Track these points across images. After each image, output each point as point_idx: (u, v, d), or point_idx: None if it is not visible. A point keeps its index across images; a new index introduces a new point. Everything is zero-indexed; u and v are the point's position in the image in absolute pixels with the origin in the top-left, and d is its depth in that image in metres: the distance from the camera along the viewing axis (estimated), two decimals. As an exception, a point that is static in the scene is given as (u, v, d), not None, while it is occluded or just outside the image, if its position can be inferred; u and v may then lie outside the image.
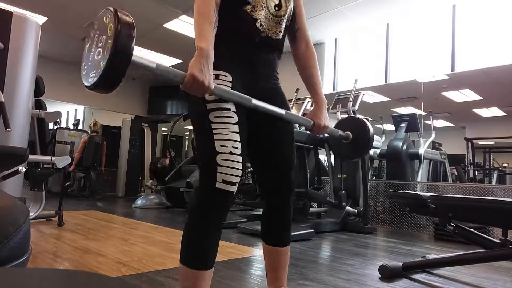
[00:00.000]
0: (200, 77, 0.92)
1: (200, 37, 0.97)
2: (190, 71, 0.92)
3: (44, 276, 0.38)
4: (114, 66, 0.83)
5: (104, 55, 0.84)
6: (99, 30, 0.90)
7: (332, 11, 4.73)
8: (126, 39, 0.84)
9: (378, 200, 4.60)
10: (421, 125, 5.02)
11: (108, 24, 0.86)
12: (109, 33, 0.85)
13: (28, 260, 0.65)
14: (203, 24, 0.99)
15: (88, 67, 0.90)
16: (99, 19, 0.91)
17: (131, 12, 0.90)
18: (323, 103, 1.30)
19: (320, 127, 1.28)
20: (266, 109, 1.12)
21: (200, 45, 0.95)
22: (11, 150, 2.05)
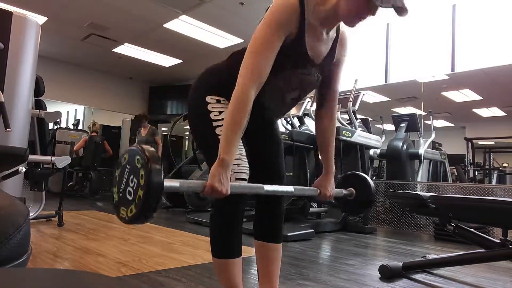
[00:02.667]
0: (219, 188, 0.99)
1: (226, 147, 1.01)
2: (210, 182, 0.98)
3: (44, 276, 0.38)
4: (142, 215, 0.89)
5: (136, 202, 0.89)
6: (129, 166, 0.93)
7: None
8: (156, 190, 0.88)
9: (378, 200, 4.60)
10: (421, 125, 5.02)
11: (140, 171, 0.88)
12: (141, 180, 0.88)
13: (28, 260, 0.65)
14: (233, 135, 1.02)
15: (119, 199, 0.95)
16: (130, 154, 0.93)
17: (131, 12, 0.91)
18: (331, 173, 1.35)
19: (326, 196, 1.34)
20: (277, 191, 1.19)
21: (224, 156, 1.00)
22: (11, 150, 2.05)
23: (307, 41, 1.13)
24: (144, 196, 0.87)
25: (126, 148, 0.97)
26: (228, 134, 1.01)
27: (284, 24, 1.07)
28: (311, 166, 4.68)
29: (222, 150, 1.01)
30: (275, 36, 1.06)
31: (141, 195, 0.88)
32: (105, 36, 6.04)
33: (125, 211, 0.92)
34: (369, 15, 1.06)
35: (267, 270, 1.32)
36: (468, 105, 5.51)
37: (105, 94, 8.25)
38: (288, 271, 2.07)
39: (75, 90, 7.78)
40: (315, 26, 1.13)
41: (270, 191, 1.15)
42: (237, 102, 1.02)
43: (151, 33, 5.78)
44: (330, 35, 1.20)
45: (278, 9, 1.08)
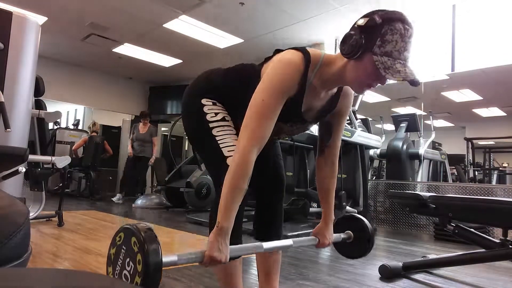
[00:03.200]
0: (218, 257, 0.97)
1: (225, 214, 0.99)
2: (209, 253, 0.97)
3: (44, 276, 0.38)
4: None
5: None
6: (125, 247, 0.89)
7: (332, 11, 4.73)
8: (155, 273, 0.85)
9: (378, 200, 4.60)
10: (421, 125, 5.03)
11: (137, 255, 0.85)
12: (138, 266, 0.85)
13: (28, 260, 0.65)
14: (233, 202, 0.99)
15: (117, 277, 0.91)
16: (126, 234, 0.90)
17: (131, 12, 0.91)
18: (330, 221, 1.34)
19: (325, 245, 1.33)
20: (276, 247, 1.18)
21: (223, 224, 0.98)
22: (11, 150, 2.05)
23: (305, 101, 1.11)
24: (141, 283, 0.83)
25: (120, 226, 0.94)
26: (228, 201, 0.98)
27: (288, 88, 1.05)
28: (311, 166, 4.68)
29: (221, 217, 0.98)
30: (278, 100, 1.03)
31: (138, 282, 0.84)
32: (105, 36, 6.04)
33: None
34: (378, 83, 1.03)
35: (267, 270, 1.32)
36: (468, 105, 5.51)
37: (105, 94, 8.25)
38: (288, 271, 2.07)
39: (75, 90, 7.77)
40: (316, 86, 1.10)
41: (269, 249, 1.14)
42: (238, 168, 0.99)
43: (151, 33, 5.78)
44: (330, 92, 1.17)
45: (283, 73, 1.04)
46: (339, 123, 1.28)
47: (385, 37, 0.95)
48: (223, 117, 1.18)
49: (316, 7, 4.63)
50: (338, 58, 1.06)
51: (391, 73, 0.95)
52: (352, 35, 0.99)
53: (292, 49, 1.09)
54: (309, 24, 5.03)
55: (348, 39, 0.99)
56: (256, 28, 5.32)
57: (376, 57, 0.96)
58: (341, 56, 1.04)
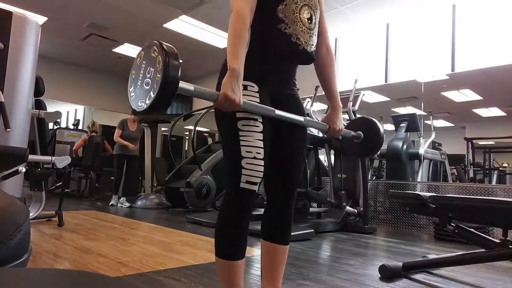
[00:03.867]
0: (232, 96, 1.01)
1: (233, 57, 1.05)
2: (223, 91, 1.01)
3: (44, 276, 0.38)
4: (162, 98, 0.91)
5: (154, 88, 0.91)
6: (146, 60, 0.97)
7: (332, 11, 4.72)
8: (174, 75, 0.91)
9: (378, 200, 4.60)
10: (421, 125, 5.02)
11: (157, 58, 0.92)
12: (158, 66, 0.91)
13: (28, 260, 0.65)
14: (237, 45, 1.06)
15: (136, 93, 0.98)
16: (145, 50, 0.98)
17: (131, 12, 0.92)
18: (338, 108, 1.36)
19: (335, 131, 1.35)
20: (287, 117, 1.21)
21: (233, 66, 1.04)
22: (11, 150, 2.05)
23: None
24: (163, 78, 0.88)
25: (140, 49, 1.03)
26: (233, 46, 1.05)
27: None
28: (311, 166, 4.68)
29: (230, 60, 1.04)
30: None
31: (159, 78, 0.89)
32: (105, 36, 6.04)
33: (143, 101, 0.93)
34: None
35: (272, 271, 1.32)
36: (468, 105, 5.51)
37: (105, 94, 8.24)
38: (288, 271, 2.07)
39: (75, 90, 7.77)
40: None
41: (280, 116, 1.17)
42: (235, 18, 1.07)
43: (151, 33, 5.78)
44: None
45: None
46: (321, 10, 1.32)
47: None
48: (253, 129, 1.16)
49: (316, 7, 4.62)
50: None
51: None
52: None
53: None
54: (309, 24, 5.01)
55: None
56: (256, 28, 5.31)
57: None
58: None
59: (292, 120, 1.23)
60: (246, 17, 1.09)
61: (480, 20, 4.45)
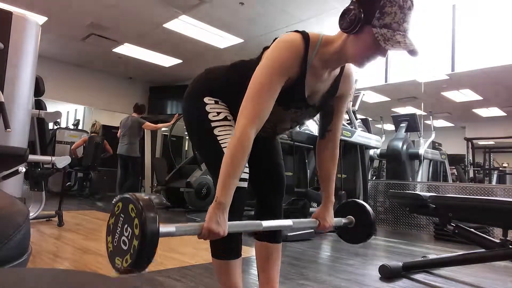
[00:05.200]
0: (216, 230, 0.97)
1: (223, 190, 0.98)
2: (207, 225, 0.96)
3: (44, 276, 0.38)
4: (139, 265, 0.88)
5: (131, 253, 0.87)
6: (123, 215, 0.92)
7: (332, 11, 4.72)
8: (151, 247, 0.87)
9: (378, 200, 4.60)
10: (421, 125, 5.03)
11: (134, 221, 0.87)
12: (135, 230, 0.87)
13: (28, 260, 0.65)
14: (232, 178, 0.99)
15: (114, 247, 0.94)
16: (124, 202, 0.92)
17: (131, 12, 0.91)
18: (330, 204, 1.35)
19: (325, 227, 1.33)
20: (276, 226, 1.19)
21: (221, 199, 0.98)
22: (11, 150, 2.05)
23: (306, 83, 1.10)
24: (139, 247, 0.85)
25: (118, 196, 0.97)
26: (226, 177, 0.98)
27: (287, 68, 1.04)
28: (311, 166, 4.68)
29: (220, 193, 0.98)
30: (278, 80, 1.03)
31: (136, 245, 0.86)
32: (105, 36, 6.04)
33: (120, 260, 0.90)
34: (379, 56, 1.03)
35: (267, 270, 1.33)
36: (468, 105, 5.51)
37: (105, 94, 8.24)
38: (288, 271, 2.07)
39: (75, 90, 7.77)
40: (317, 67, 1.09)
41: (268, 227, 1.14)
42: (238, 145, 0.99)
43: (151, 33, 5.78)
44: (332, 74, 1.16)
45: (282, 52, 1.04)
46: (341, 106, 1.27)
47: (384, 9, 0.95)
48: (225, 117, 1.17)
49: (316, 7, 4.63)
50: (337, 36, 1.06)
51: (391, 44, 0.95)
52: (350, 9, 0.98)
53: (291, 32, 1.09)
54: (309, 24, 5.02)
55: (346, 13, 0.99)
56: (256, 28, 5.32)
57: (376, 29, 0.95)
58: (340, 34, 1.04)
59: (281, 228, 1.22)
60: (250, 145, 1.01)
61: (480, 20, 4.45)
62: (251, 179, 1.19)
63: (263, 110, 1.02)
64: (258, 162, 1.30)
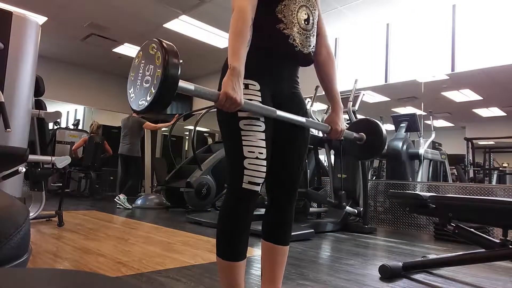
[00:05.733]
0: (233, 95, 0.99)
1: (233, 56, 1.03)
2: (224, 90, 1.00)
3: (44, 276, 0.38)
4: (164, 93, 0.89)
5: (154, 83, 0.89)
6: (144, 60, 0.95)
7: (332, 11, 4.72)
8: (174, 69, 0.89)
9: (378, 200, 4.60)
10: (421, 125, 5.02)
11: (155, 54, 0.91)
12: (157, 62, 0.90)
13: (28, 260, 0.65)
14: (238, 43, 1.05)
15: (136, 93, 0.96)
16: (144, 49, 0.97)
17: (131, 12, 0.92)
18: (339, 109, 1.36)
19: (337, 132, 1.34)
20: (289, 118, 1.19)
21: (234, 64, 1.02)
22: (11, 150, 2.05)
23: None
24: (163, 73, 0.87)
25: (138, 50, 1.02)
26: (235, 45, 1.04)
27: None
28: (311, 166, 4.68)
29: (231, 59, 1.03)
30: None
31: (159, 74, 0.87)
32: (105, 36, 6.04)
33: (144, 99, 0.91)
34: None
35: (272, 271, 1.32)
36: (468, 105, 5.51)
37: (105, 94, 8.24)
38: (288, 271, 2.07)
39: (75, 90, 7.77)
40: None
41: (281, 117, 1.16)
42: (237, 15, 1.07)
43: (151, 33, 5.78)
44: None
45: None
46: (318, 10, 1.31)
47: None
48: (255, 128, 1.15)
49: (316, 7, 4.62)
50: None
51: None
52: None
53: None
54: (309, 24, 5.02)
55: None
56: (256, 28, 5.31)
57: None
58: None
59: (293, 121, 1.22)
60: (248, 15, 1.08)
61: (480, 20, 4.45)
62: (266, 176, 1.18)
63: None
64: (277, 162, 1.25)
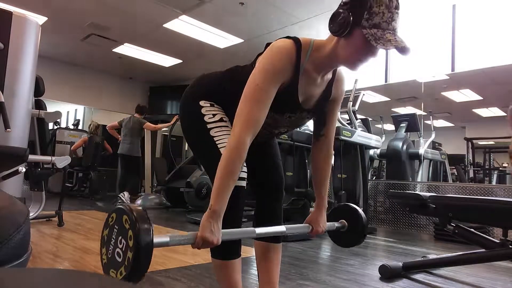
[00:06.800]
0: (210, 238, 0.97)
1: (217, 198, 0.99)
2: (202, 234, 0.96)
3: (44, 276, 0.38)
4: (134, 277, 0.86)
5: (125, 265, 0.86)
6: (117, 226, 0.91)
7: (331, 11, 4.72)
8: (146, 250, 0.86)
9: (378, 200, 4.60)
10: (421, 125, 5.03)
11: (128, 232, 0.87)
12: (130, 243, 0.86)
13: (28, 260, 0.65)
14: (226, 186, 0.99)
15: (108, 260, 0.93)
16: (118, 215, 0.91)
17: (131, 12, 0.91)
18: (323, 208, 1.34)
19: (318, 232, 1.34)
20: (270, 233, 1.20)
21: (215, 208, 0.98)
22: (11, 150, 2.05)
23: (300, 88, 1.11)
24: (133, 259, 0.84)
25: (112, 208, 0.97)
26: (221, 185, 0.98)
27: (281, 72, 1.05)
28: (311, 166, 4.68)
29: (214, 201, 0.98)
30: (271, 84, 1.04)
31: (130, 257, 0.85)
32: (105, 36, 6.04)
33: (114, 273, 0.89)
34: (370, 58, 1.03)
35: (268, 270, 1.32)
36: (468, 105, 5.51)
37: (105, 94, 8.24)
38: (288, 271, 2.07)
39: (75, 90, 7.77)
40: (310, 71, 1.10)
41: (261, 234, 1.16)
42: (233, 151, 0.99)
43: (151, 33, 5.78)
44: (325, 78, 1.17)
45: (274, 57, 1.06)
46: (333, 110, 1.27)
47: (372, 10, 0.96)
48: (221, 118, 1.18)
49: (315, 7, 4.63)
50: (328, 40, 1.08)
51: (382, 43, 0.95)
52: (339, 13, 1.00)
53: (282, 38, 1.11)
54: (308, 25, 5.03)
55: (336, 17, 1.01)
56: (256, 28, 5.32)
57: (366, 30, 0.97)
58: (331, 38, 1.06)
59: (274, 234, 1.23)
60: (245, 151, 1.01)
61: (480, 20, 4.45)
62: (250, 181, 1.19)
63: (259, 115, 1.03)
64: (256, 163, 1.30)
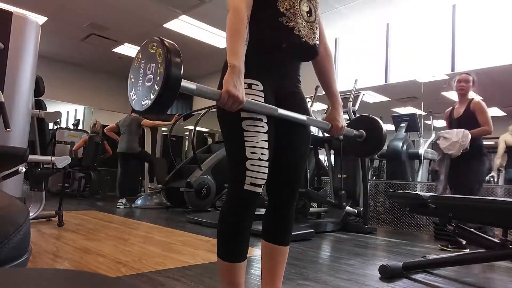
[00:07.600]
0: (235, 92, 0.99)
1: (232, 54, 1.03)
2: (225, 88, 0.99)
3: (44, 276, 0.38)
4: (168, 89, 0.87)
5: (157, 80, 0.88)
6: (144, 59, 0.95)
7: (332, 11, 4.72)
8: (176, 63, 0.89)
9: (378, 200, 4.60)
10: (421, 125, 5.02)
11: (156, 51, 0.91)
12: (158, 59, 0.88)
13: (28, 260, 0.65)
14: (236, 41, 1.04)
15: (138, 94, 0.95)
16: (143, 49, 0.97)
17: (131, 12, 0.92)
18: (339, 106, 1.35)
19: (338, 128, 1.34)
20: (290, 116, 1.19)
21: (233, 62, 1.02)
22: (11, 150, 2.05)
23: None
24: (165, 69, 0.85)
25: None
26: (232, 43, 1.04)
27: None
28: (311, 166, 4.68)
29: (230, 57, 1.03)
30: None
31: (162, 70, 0.87)
32: (105, 36, 6.04)
33: (147, 98, 0.90)
34: None
35: (272, 271, 1.31)
36: (468, 105, 5.50)
37: (105, 94, 8.24)
38: (288, 271, 2.07)
39: (75, 90, 7.77)
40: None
41: (282, 115, 1.15)
42: (232, 13, 1.06)
43: (151, 33, 5.78)
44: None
45: None
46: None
47: None
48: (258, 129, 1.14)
49: (316, 7, 4.63)
50: None
51: None
52: None
53: None
54: (309, 24, 5.02)
55: None
56: (256, 28, 5.31)
57: None
58: None
59: (294, 119, 1.21)
60: (243, 14, 1.08)
61: (480, 20, 4.45)
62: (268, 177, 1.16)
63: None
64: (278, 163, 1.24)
